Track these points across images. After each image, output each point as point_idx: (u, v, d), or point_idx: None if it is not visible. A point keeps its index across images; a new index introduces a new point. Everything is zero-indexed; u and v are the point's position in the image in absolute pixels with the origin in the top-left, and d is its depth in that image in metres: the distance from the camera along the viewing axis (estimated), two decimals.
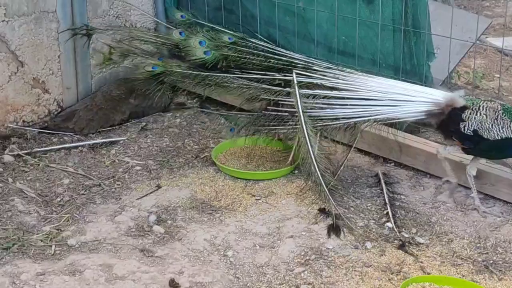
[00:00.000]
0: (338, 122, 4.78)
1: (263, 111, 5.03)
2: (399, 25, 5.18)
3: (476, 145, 4.51)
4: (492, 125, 4.43)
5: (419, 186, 4.94)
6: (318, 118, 4.79)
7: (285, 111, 4.92)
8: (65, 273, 4.03)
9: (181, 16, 5.49)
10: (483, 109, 4.48)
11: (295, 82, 4.74)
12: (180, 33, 5.24)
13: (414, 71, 5.30)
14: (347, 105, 4.76)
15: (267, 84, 4.98)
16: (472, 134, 4.48)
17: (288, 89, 4.88)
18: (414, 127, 5.25)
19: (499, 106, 4.47)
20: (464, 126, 4.48)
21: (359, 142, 5.28)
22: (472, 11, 7.05)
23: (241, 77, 5.01)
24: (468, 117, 4.48)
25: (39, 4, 5.51)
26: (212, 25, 5.33)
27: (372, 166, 5.18)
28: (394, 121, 4.74)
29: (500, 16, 8.05)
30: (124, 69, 6.16)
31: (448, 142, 4.70)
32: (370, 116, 4.72)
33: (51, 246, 4.31)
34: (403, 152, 5.08)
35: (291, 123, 4.88)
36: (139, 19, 6.21)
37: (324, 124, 4.79)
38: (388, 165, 5.18)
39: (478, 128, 4.46)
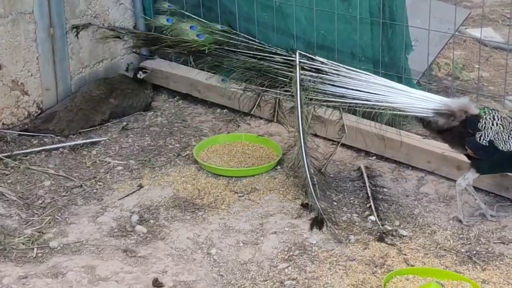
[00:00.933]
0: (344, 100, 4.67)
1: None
2: (377, 18, 5.18)
3: (490, 156, 4.36)
4: (508, 136, 4.32)
5: (401, 179, 4.94)
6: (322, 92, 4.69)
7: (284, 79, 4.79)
8: (48, 276, 4.01)
9: (168, 6, 5.34)
10: (498, 119, 4.33)
11: (297, 62, 4.70)
12: (167, 19, 5.16)
13: (392, 63, 5.31)
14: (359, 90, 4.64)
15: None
16: (487, 144, 4.32)
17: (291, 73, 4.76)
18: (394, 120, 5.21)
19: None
20: (481, 136, 4.33)
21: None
22: (450, 2, 7.05)
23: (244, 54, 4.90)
24: (485, 127, 4.33)
25: (16, 5, 5.47)
26: (199, 19, 5.23)
27: (354, 159, 5.18)
28: (400, 113, 4.55)
29: (478, 7, 8.06)
30: (103, 69, 6.15)
31: (456, 149, 4.55)
32: (383, 102, 4.57)
33: (33, 249, 4.28)
34: (387, 146, 5.08)
35: (287, 89, 4.76)
36: (118, 18, 6.19)
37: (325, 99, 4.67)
38: (370, 158, 5.19)
39: (495, 139, 4.31)
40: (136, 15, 6.31)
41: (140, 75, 6.08)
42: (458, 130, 4.41)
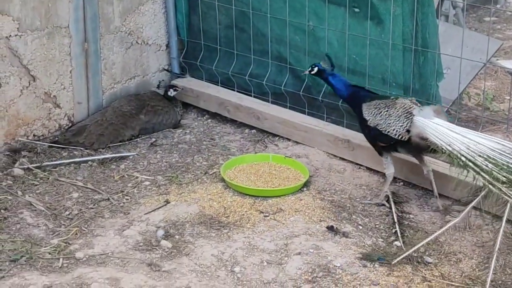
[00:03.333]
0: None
1: None
2: (409, 44, 5.20)
3: None
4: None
5: (427, 206, 4.92)
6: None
7: None
8: (72, 286, 4.03)
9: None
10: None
11: None
12: None
13: (423, 90, 5.31)
14: None
15: None
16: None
17: None
18: None
19: None
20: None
21: (368, 161, 5.29)
22: (483, 33, 7.05)
23: None
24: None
25: (52, 19, 5.56)
26: None
27: (381, 185, 5.17)
28: None
29: (511, 39, 8.06)
30: (135, 85, 6.21)
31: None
32: None
33: (58, 259, 4.32)
34: (411, 171, 5.07)
35: None
36: (151, 35, 6.26)
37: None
38: (397, 184, 5.18)
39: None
40: (170, 33, 6.37)
41: (171, 92, 6.14)
42: None
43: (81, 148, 5.60)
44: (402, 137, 4.74)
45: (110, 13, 5.92)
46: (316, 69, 5.11)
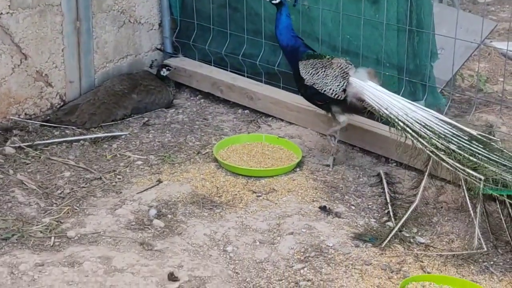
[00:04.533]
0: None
1: None
2: (404, 25, 5.17)
3: None
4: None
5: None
6: None
7: None
8: (64, 265, 4.02)
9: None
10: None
11: None
12: None
13: (417, 71, 5.29)
14: None
15: None
16: None
17: None
18: None
19: None
20: None
21: (361, 142, 5.28)
22: (477, 15, 7.02)
23: None
24: None
25: None
26: None
27: (374, 165, 5.16)
28: None
29: (505, 21, 8.04)
30: (127, 65, 6.17)
31: None
32: None
33: (50, 237, 4.30)
34: (405, 152, 5.05)
35: None
36: (144, 14, 6.22)
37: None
38: (390, 165, 5.17)
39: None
40: (162, 12, 6.33)
41: (164, 72, 6.10)
42: None
43: (73, 127, 5.57)
44: (338, 96, 4.87)
45: None
46: None
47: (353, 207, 4.67)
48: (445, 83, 5.65)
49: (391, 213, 4.57)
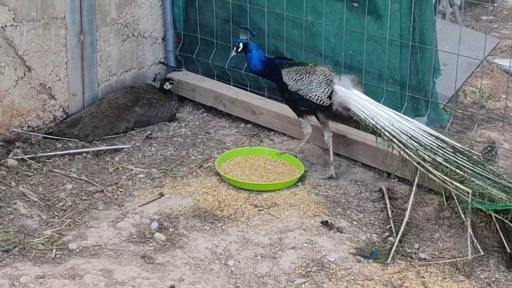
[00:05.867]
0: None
1: None
2: (407, 40, 5.19)
3: None
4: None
5: (422, 202, 4.91)
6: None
7: None
8: (65, 277, 4.01)
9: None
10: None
11: None
12: None
13: (420, 87, 5.30)
14: None
15: None
16: None
17: None
18: None
19: None
20: None
21: (363, 157, 5.28)
22: (480, 32, 7.05)
23: None
24: None
25: (48, 10, 5.53)
26: None
27: (376, 181, 5.16)
28: None
29: (507, 38, 8.06)
30: (130, 78, 6.19)
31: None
32: None
33: (52, 249, 4.30)
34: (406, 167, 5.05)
35: None
36: (148, 28, 6.24)
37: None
38: (392, 180, 5.17)
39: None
40: (166, 26, 6.35)
41: (167, 85, 6.12)
42: None
43: (76, 140, 5.58)
44: (323, 103, 4.95)
45: (106, 5, 5.89)
46: (241, 45, 5.20)
47: (355, 222, 4.67)
48: (447, 99, 5.65)
49: (393, 229, 4.57)
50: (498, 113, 6.28)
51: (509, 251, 4.25)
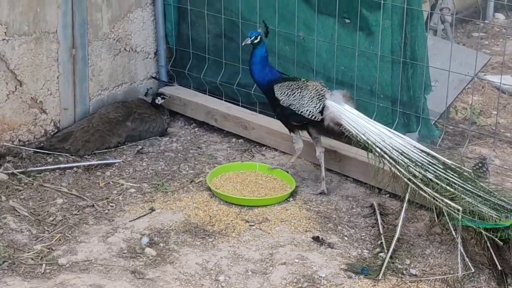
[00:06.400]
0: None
1: None
2: (398, 56, 5.20)
3: None
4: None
5: (414, 218, 4.91)
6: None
7: None
8: None
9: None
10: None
11: None
12: None
13: (411, 103, 5.31)
14: None
15: None
16: None
17: None
18: None
19: None
20: None
21: (355, 172, 5.29)
22: (471, 48, 7.08)
23: None
24: None
25: (40, 24, 5.53)
26: None
27: (367, 196, 5.16)
28: None
29: (498, 55, 8.10)
30: (122, 93, 6.19)
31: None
32: None
33: (41, 264, 4.27)
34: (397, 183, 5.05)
35: None
36: (140, 43, 6.24)
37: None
38: (383, 196, 5.17)
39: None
40: (158, 41, 6.36)
41: (159, 100, 6.11)
42: None
43: (67, 154, 5.56)
44: (315, 118, 4.96)
45: (99, 20, 5.89)
46: (259, 37, 5.15)
47: (346, 238, 4.66)
48: (438, 115, 5.67)
49: (384, 245, 4.56)
50: (489, 129, 6.30)
51: (499, 268, 4.25)
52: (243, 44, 5.26)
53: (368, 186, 5.23)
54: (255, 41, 5.14)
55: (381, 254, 4.48)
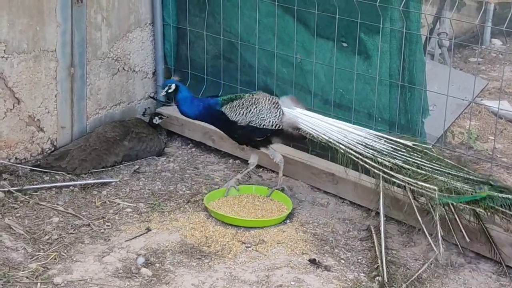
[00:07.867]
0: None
1: None
2: (396, 80, 5.22)
3: None
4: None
5: (410, 242, 4.90)
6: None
7: None
8: None
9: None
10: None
11: None
12: None
13: (408, 126, 5.32)
14: None
15: None
16: None
17: None
18: None
19: None
20: None
21: (351, 195, 5.28)
22: (469, 73, 7.11)
23: None
24: None
25: (40, 42, 5.54)
26: None
27: (364, 219, 5.15)
28: None
29: (495, 80, 8.13)
30: (120, 112, 6.19)
31: None
32: None
33: (36, 283, 4.25)
34: (394, 207, 5.05)
35: None
36: (138, 62, 6.26)
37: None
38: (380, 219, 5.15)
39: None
40: (157, 61, 6.37)
41: (156, 120, 6.11)
42: None
43: (63, 173, 5.55)
44: (278, 126, 5.02)
45: (98, 39, 5.91)
46: (173, 86, 5.17)
47: (342, 261, 4.65)
48: (436, 140, 5.67)
49: (380, 268, 4.54)
50: (486, 154, 6.31)
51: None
52: (161, 95, 5.36)
53: (364, 209, 5.23)
54: (169, 91, 5.16)
55: (377, 277, 4.46)
